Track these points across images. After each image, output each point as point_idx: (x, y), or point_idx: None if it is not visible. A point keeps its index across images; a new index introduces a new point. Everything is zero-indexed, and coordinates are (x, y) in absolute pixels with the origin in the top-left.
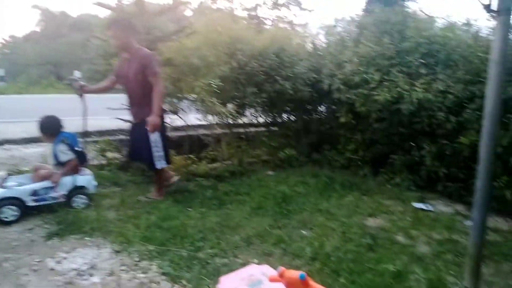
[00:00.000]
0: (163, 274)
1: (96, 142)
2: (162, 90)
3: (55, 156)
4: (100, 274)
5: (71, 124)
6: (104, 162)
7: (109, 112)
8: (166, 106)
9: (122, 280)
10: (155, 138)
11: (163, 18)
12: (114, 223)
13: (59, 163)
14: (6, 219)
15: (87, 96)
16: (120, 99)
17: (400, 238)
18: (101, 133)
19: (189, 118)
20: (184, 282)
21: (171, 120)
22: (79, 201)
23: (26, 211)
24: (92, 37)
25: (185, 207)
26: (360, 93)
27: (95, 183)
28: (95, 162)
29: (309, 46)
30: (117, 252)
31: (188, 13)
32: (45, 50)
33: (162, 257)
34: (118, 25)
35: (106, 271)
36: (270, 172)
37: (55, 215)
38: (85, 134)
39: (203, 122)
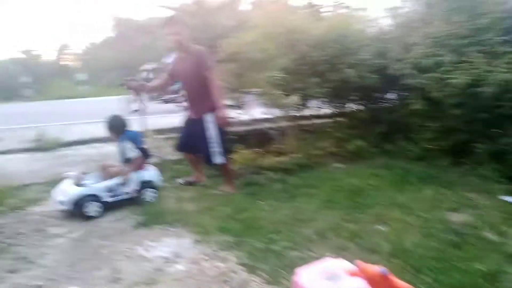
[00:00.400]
0: (241, 264)
1: (171, 138)
2: (219, 83)
3: (122, 154)
4: (184, 262)
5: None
6: (180, 157)
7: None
8: (229, 101)
9: (204, 268)
10: (211, 133)
11: (222, 15)
12: (193, 215)
13: (126, 160)
14: (90, 215)
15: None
16: None
17: (489, 234)
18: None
19: (254, 112)
20: (261, 273)
21: (237, 114)
22: (150, 195)
23: (106, 207)
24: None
25: (256, 199)
26: (433, 77)
27: (161, 177)
28: (171, 157)
29: (372, 30)
30: (197, 241)
31: (244, 7)
32: (119, 54)
33: (239, 247)
34: (175, 23)
35: (189, 260)
36: (339, 165)
37: (141, 207)
38: (159, 131)
39: (268, 116)
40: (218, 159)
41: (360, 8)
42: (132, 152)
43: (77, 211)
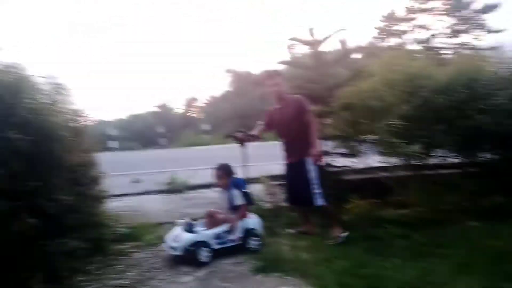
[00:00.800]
0: None
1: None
2: (316, 127)
3: (229, 201)
4: None
5: (255, 169)
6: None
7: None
8: (343, 149)
9: None
10: (311, 175)
11: (337, 65)
12: (310, 265)
13: (232, 208)
14: (201, 260)
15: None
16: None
17: None
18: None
19: (369, 160)
20: None
21: (352, 163)
22: (254, 243)
23: (214, 254)
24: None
25: (377, 255)
26: None
27: (262, 225)
28: (285, 204)
29: (507, 72)
30: None
31: (357, 55)
32: (236, 106)
33: None
34: (274, 76)
35: None
36: (474, 223)
37: (255, 254)
38: (273, 177)
39: (385, 165)
40: (319, 201)
41: (489, 47)
42: (239, 199)
43: (188, 256)
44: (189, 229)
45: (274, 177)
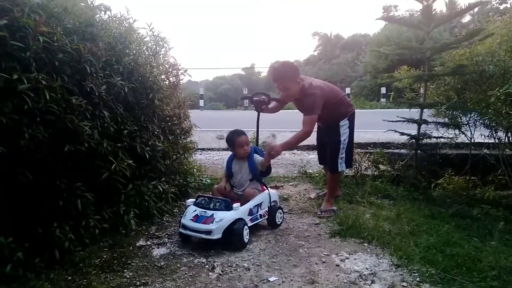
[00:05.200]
0: None
1: (370, 153)
2: (304, 133)
3: (252, 170)
4: (381, 284)
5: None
6: (376, 173)
7: (385, 125)
8: (445, 119)
9: None
10: (344, 139)
11: (442, 27)
12: (391, 236)
13: (256, 178)
14: (245, 241)
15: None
16: (396, 112)
17: None
18: (375, 145)
19: (473, 134)
20: None
21: (453, 135)
22: (279, 215)
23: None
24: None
25: (470, 235)
26: None
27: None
28: (369, 172)
29: None
30: (397, 266)
31: (466, 19)
32: (321, 71)
33: (447, 284)
34: (280, 79)
35: (387, 282)
36: None
37: (336, 216)
38: (359, 145)
39: (491, 140)
40: (341, 166)
41: None
42: (264, 165)
43: (228, 239)
44: (217, 206)
45: (358, 145)
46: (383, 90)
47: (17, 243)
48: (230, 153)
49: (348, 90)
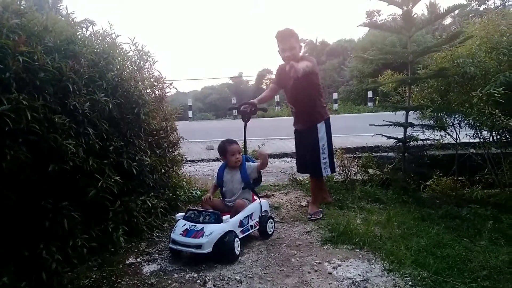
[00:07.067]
0: None
1: (359, 158)
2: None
3: (244, 179)
4: None
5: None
6: (365, 178)
7: (373, 130)
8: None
9: None
10: (323, 143)
11: (429, 28)
12: (382, 240)
13: (248, 186)
14: (237, 254)
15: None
16: (383, 116)
17: None
18: (363, 149)
19: (457, 135)
20: None
21: (440, 137)
22: (270, 225)
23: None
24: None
25: (460, 236)
26: None
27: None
28: (358, 177)
29: None
30: (389, 271)
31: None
32: None
33: (439, 287)
34: (290, 37)
35: None
36: None
37: (327, 222)
38: (348, 150)
39: (476, 140)
40: (326, 171)
41: None
42: (255, 173)
43: (218, 252)
44: (207, 219)
45: (347, 150)
46: (370, 94)
47: (2, 266)
48: (220, 163)
49: (335, 96)
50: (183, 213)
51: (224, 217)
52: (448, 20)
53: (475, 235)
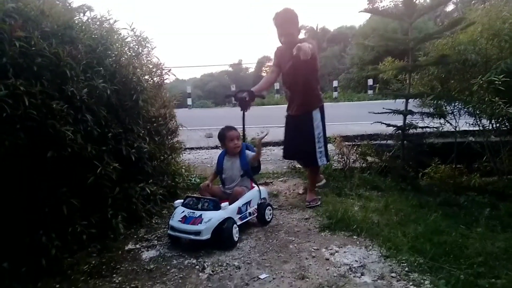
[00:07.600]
0: None
1: (358, 146)
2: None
3: (243, 166)
4: (371, 275)
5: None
6: (364, 165)
7: (372, 117)
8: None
9: (394, 287)
10: (319, 132)
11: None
12: (380, 227)
13: (247, 174)
14: (235, 240)
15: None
16: (383, 103)
17: None
18: (363, 137)
19: (457, 122)
20: None
21: (440, 125)
22: (268, 212)
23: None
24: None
25: (457, 223)
26: None
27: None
28: (357, 165)
29: None
30: (386, 257)
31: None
32: None
33: (435, 273)
34: (288, 20)
35: (376, 274)
36: None
37: (325, 209)
38: (347, 138)
39: (475, 128)
40: (323, 160)
41: None
42: (255, 161)
43: (217, 239)
44: (206, 206)
45: (346, 138)
46: (370, 81)
47: (2, 252)
48: (219, 151)
49: (335, 83)
50: (182, 200)
51: (223, 204)
52: (450, 7)
53: (472, 222)
